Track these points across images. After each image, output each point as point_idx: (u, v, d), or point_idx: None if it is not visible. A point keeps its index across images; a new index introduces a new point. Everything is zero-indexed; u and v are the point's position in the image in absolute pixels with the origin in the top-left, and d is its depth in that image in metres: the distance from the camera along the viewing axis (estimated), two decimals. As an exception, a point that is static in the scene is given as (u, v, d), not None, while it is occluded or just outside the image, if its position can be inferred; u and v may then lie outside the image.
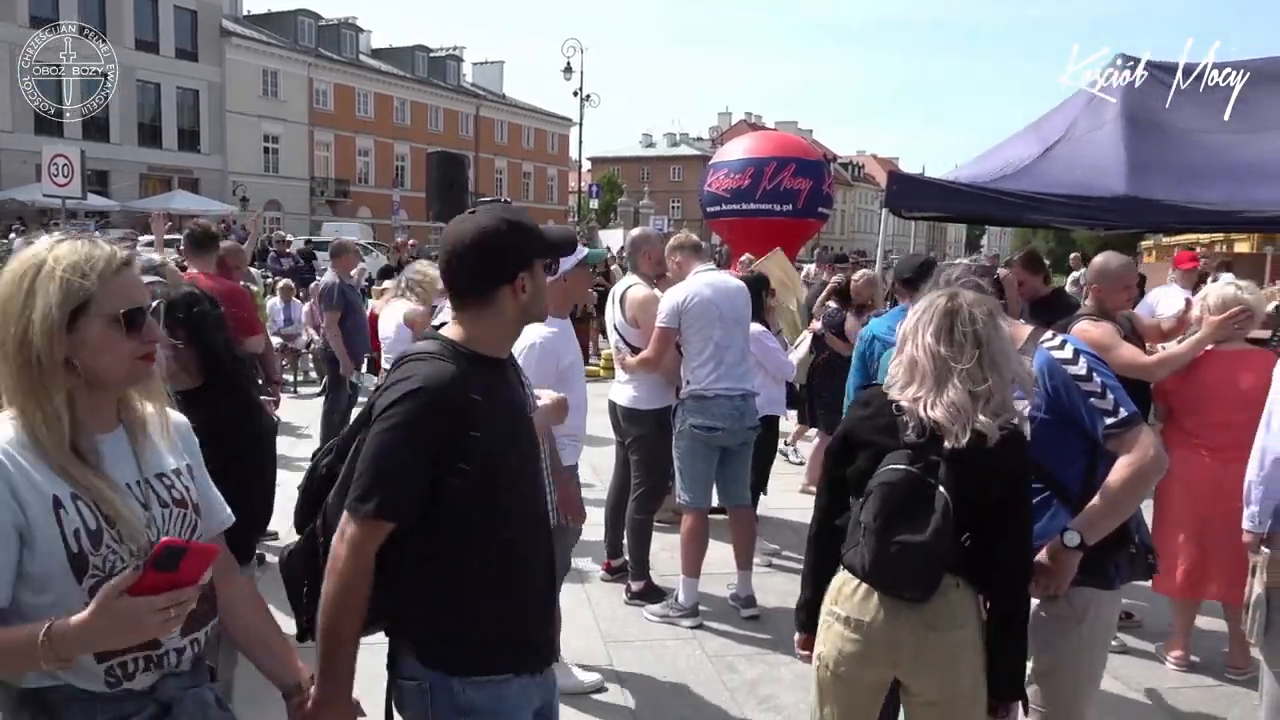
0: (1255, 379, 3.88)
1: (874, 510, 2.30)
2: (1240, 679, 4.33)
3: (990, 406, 2.33)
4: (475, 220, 2.07)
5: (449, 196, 12.35)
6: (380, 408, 1.94)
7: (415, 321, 5.98)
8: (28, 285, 1.58)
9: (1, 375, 1.59)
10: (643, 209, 38.25)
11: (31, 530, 1.53)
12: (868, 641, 2.40)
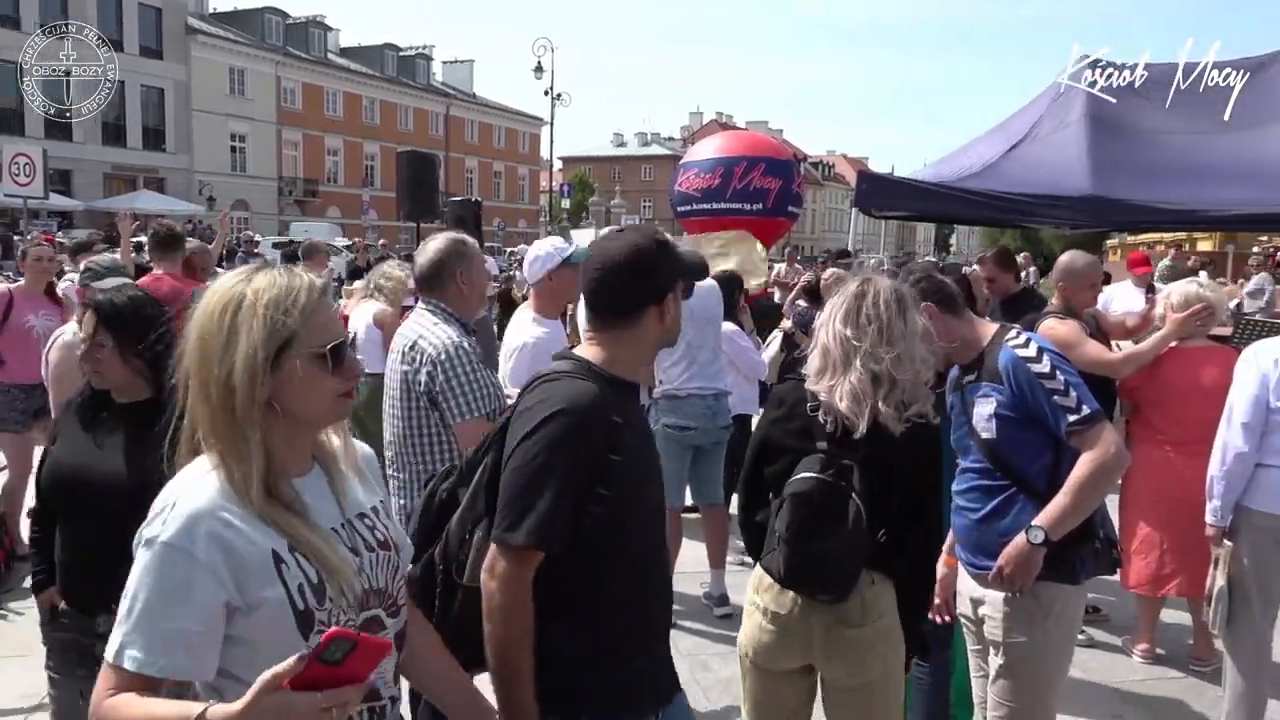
0: (1217, 375, 3.94)
1: (786, 520, 2.36)
2: (1204, 670, 4.40)
3: (893, 395, 2.37)
4: (628, 239, 2.02)
5: (419, 196, 12.30)
6: (520, 433, 1.85)
7: (384, 323, 5.95)
8: (229, 323, 1.46)
9: (202, 419, 1.47)
10: (614, 208, 38.29)
11: (254, 594, 1.41)
12: (783, 633, 2.49)
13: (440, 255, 3.17)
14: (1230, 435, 3.60)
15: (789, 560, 2.38)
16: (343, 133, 50.55)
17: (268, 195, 45.90)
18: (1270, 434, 3.54)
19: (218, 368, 1.45)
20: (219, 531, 1.41)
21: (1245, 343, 4.41)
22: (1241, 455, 3.56)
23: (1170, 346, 4.36)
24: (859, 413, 2.36)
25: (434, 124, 56.39)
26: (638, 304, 1.98)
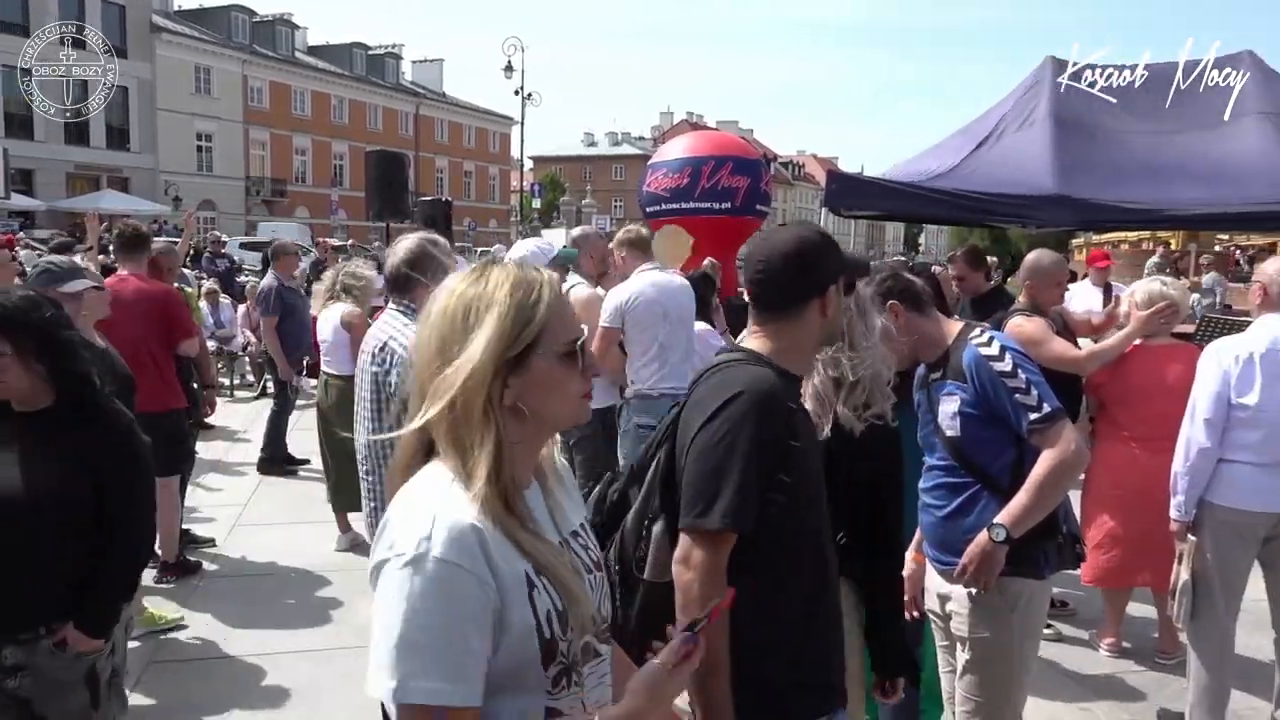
0: (1181, 372, 4.00)
1: None
2: (1169, 663, 4.46)
3: (853, 396, 2.39)
4: (792, 232, 2.03)
5: (389, 196, 12.22)
6: (699, 420, 1.84)
7: (353, 324, 5.90)
8: (471, 324, 1.35)
9: (442, 427, 1.35)
10: (585, 208, 38.21)
11: (508, 617, 1.29)
12: None
13: (410, 256, 3.15)
14: (1193, 431, 3.66)
15: None
16: (311, 132, 50.11)
17: (235, 195, 45.40)
18: (1232, 430, 3.60)
19: (461, 372, 1.34)
20: (486, 545, 1.28)
21: (1208, 340, 4.48)
22: (1204, 451, 3.61)
23: (1135, 344, 4.42)
24: (822, 414, 2.39)
25: (403, 123, 56.04)
26: (802, 297, 2.00)
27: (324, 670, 4.35)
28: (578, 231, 5.91)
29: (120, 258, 5.68)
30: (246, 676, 4.28)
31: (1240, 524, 3.63)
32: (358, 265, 6.53)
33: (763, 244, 2.06)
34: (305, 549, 5.89)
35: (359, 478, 3.20)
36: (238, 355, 12.08)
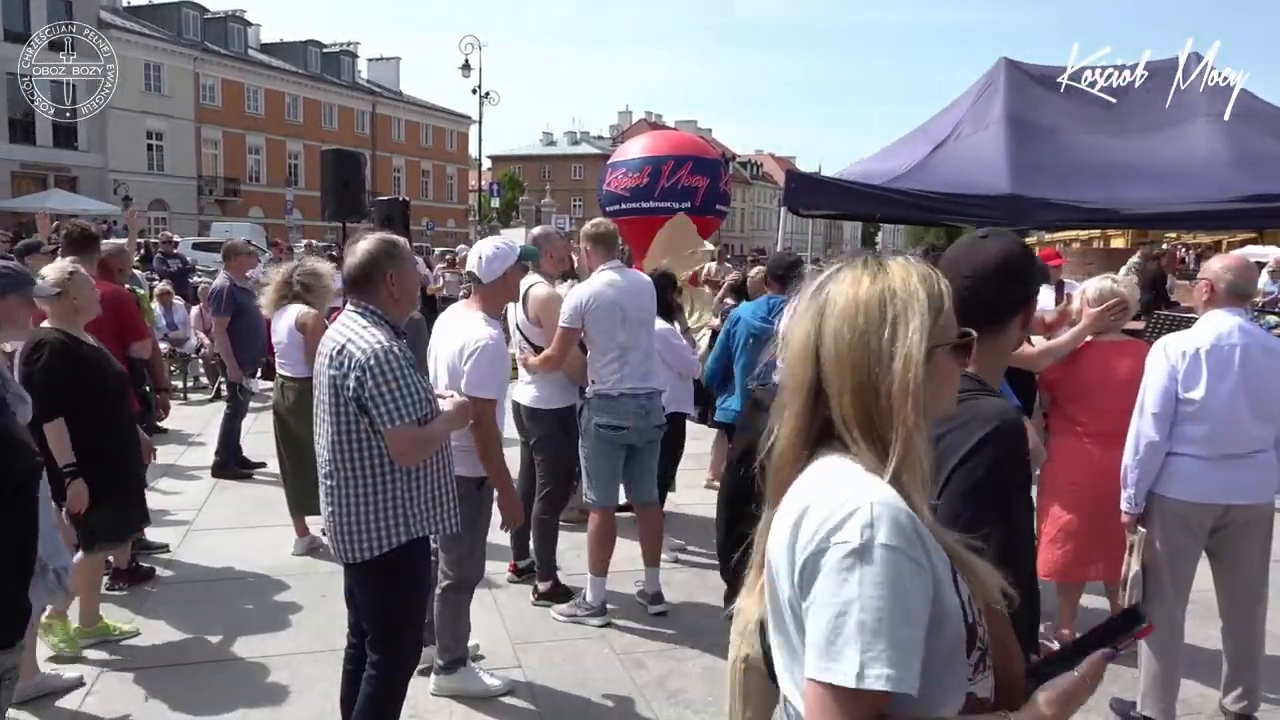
0: (1131, 368, 4.08)
1: None
2: (1121, 653, 4.53)
3: None
4: (997, 245, 1.99)
5: (345, 196, 12.06)
6: (953, 459, 1.76)
7: (308, 325, 5.82)
8: (892, 316, 1.35)
9: (862, 420, 1.34)
10: (544, 208, 38.08)
11: (943, 602, 1.30)
12: None
13: (369, 256, 3.11)
14: (1143, 425, 3.74)
15: None
16: (265, 131, 49.44)
17: (187, 195, 44.66)
18: (1180, 424, 3.68)
19: (883, 366, 1.33)
20: (921, 532, 1.29)
21: (1156, 336, 4.57)
22: (1153, 444, 3.69)
23: (1086, 341, 4.50)
24: None
25: (359, 122, 55.49)
26: (1009, 311, 1.97)
27: (283, 676, 4.30)
28: (538, 231, 5.90)
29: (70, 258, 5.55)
30: (203, 684, 4.22)
31: (1188, 515, 3.72)
32: (315, 262, 6.44)
33: (966, 259, 1.99)
34: (262, 554, 5.81)
35: (318, 481, 3.15)
36: (190, 357, 11.89)
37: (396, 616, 3.19)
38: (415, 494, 3.11)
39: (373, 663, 3.21)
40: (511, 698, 4.14)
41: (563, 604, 5.04)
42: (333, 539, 3.16)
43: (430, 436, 3.08)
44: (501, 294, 4.05)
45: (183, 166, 44.77)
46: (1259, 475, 3.71)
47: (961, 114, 8.51)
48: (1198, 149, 7.50)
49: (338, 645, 4.59)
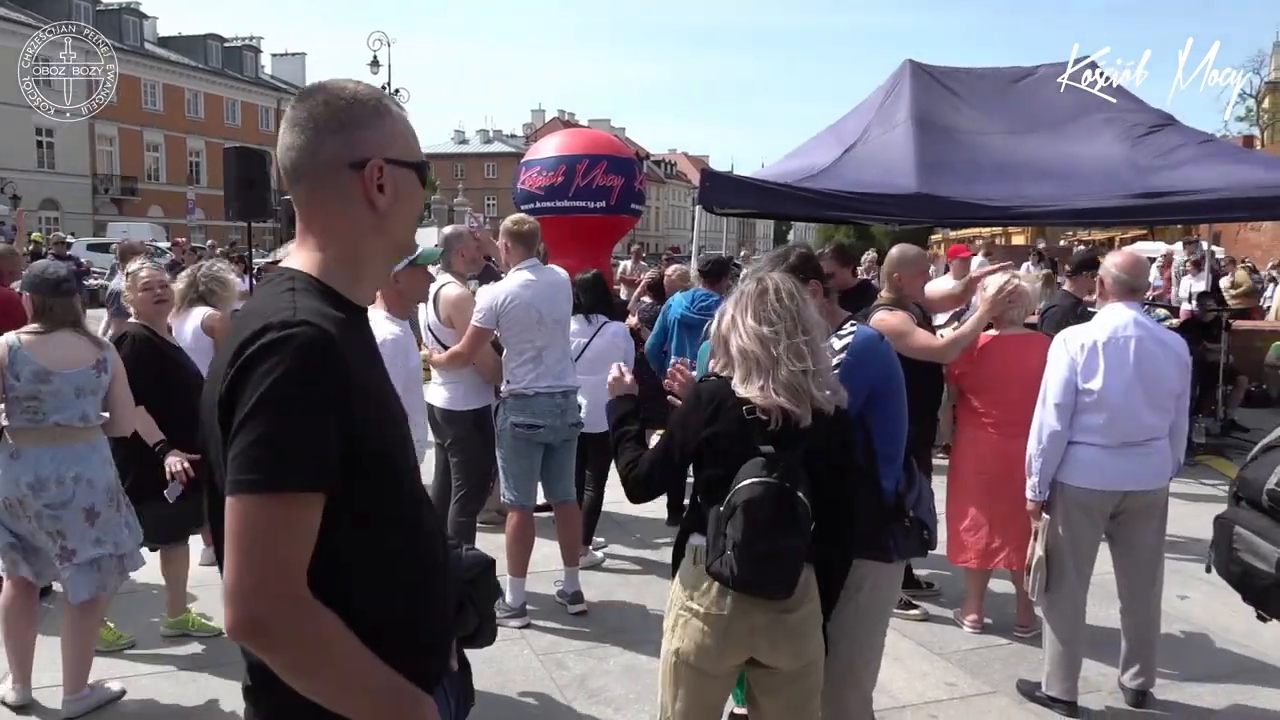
0: (1035, 360, 4.21)
1: (741, 528, 2.34)
2: (1026, 636, 4.70)
3: (820, 380, 2.46)
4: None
5: (249, 195, 11.70)
6: None
7: (215, 328, 5.64)
8: None
9: None
10: (457, 207, 37.62)
11: None
12: (727, 634, 2.49)
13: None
14: (1045, 415, 3.87)
15: (745, 566, 2.35)
16: (164, 127, 47.73)
17: (81, 194, 42.85)
18: (1080, 414, 3.83)
19: None
20: None
21: (1056, 329, 4.73)
22: (1055, 434, 3.83)
23: (991, 335, 4.64)
24: (802, 403, 2.41)
25: (264, 119, 53.99)
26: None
27: (188, 691, 4.16)
28: (449, 230, 5.80)
29: (-48, 261, 5.29)
30: (111, 704, 4.04)
31: (1089, 502, 3.86)
32: (219, 268, 6.23)
33: None
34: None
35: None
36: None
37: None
38: None
39: None
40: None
41: (482, 606, 4.97)
42: None
43: None
44: (393, 296, 4.03)
45: (76, 164, 42.93)
46: (1154, 462, 3.87)
47: (870, 115, 8.69)
48: (1093, 148, 7.81)
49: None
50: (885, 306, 4.68)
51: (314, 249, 1.50)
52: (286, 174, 1.52)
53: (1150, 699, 4.03)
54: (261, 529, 1.28)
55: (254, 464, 1.28)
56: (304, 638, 1.31)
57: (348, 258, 1.51)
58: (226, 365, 1.33)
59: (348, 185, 1.48)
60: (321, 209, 1.50)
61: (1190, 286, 14.06)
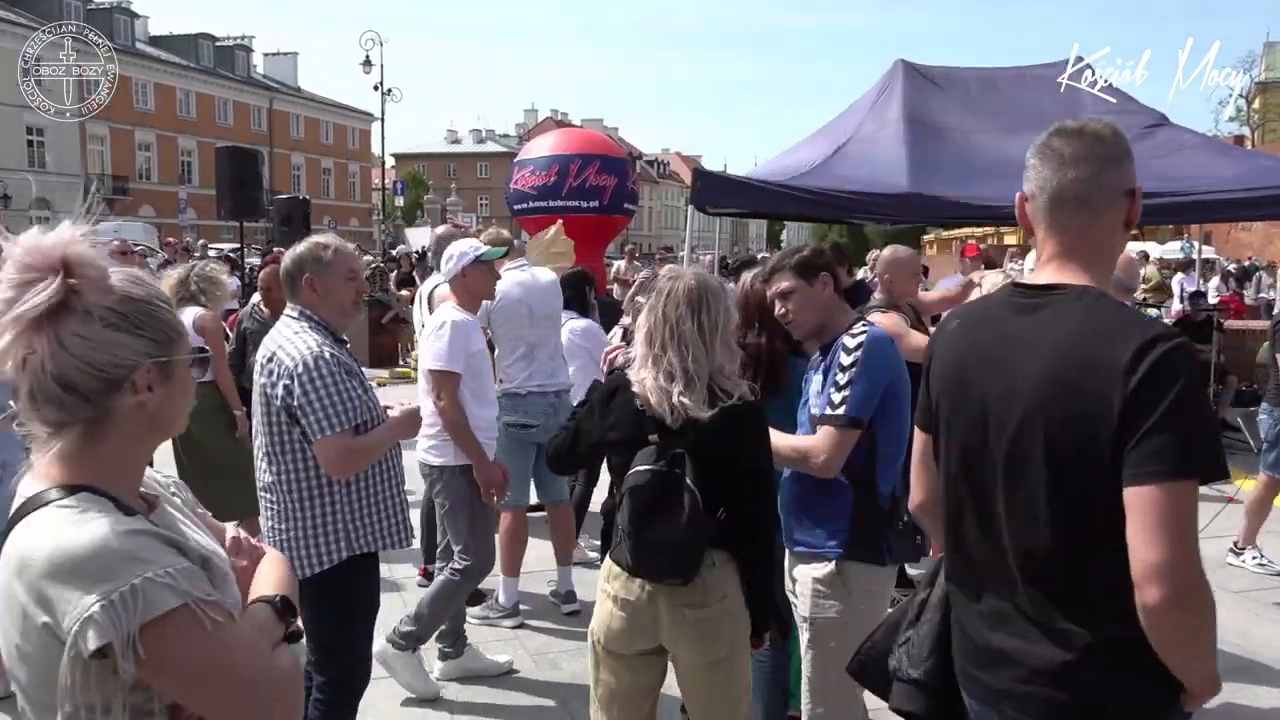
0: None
1: (628, 514, 2.46)
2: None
3: (692, 387, 2.48)
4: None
5: (241, 194, 11.70)
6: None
7: (207, 328, 5.63)
8: None
9: None
10: (450, 206, 37.59)
11: None
12: (632, 618, 2.56)
13: (295, 258, 3.02)
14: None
15: (634, 551, 2.46)
16: (155, 127, 47.60)
17: (72, 193, 42.61)
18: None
19: None
20: None
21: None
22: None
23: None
24: (664, 407, 2.48)
25: (256, 118, 53.89)
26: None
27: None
28: (441, 230, 5.82)
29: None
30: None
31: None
32: (210, 266, 6.22)
33: None
34: (159, 565, 5.59)
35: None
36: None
37: (339, 637, 3.01)
38: (357, 507, 2.95)
39: (318, 685, 3.03)
40: (425, 704, 4.07)
41: (475, 606, 4.98)
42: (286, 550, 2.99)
43: (366, 447, 2.91)
44: (462, 290, 4.20)
45: (67, 163, 42.74)
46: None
47: (862, 115, 8.69)
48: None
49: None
50: (878, 308, 4.68)
51: (1086, 266, 1.74)
52: (1069, 203, 1.75)
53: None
54: (1183, 511, 1.51)
55: (1177, 455, 1.51)
56: (1207, 607, 1.55)
57: (1108, 272, 1.78)
58: (1125, 369, 1.54)
59: (1120, 210, 1.76)
60: (1096, 231, 1.76)
61: (1183, 285, 14.11)
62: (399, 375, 12.48)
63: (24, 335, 1.26)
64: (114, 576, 1.17)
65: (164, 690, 1.25)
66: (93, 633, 1.15)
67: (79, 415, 1.30)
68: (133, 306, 1.33)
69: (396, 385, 11.40)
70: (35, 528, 1.24)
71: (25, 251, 1.27)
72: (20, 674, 1.26)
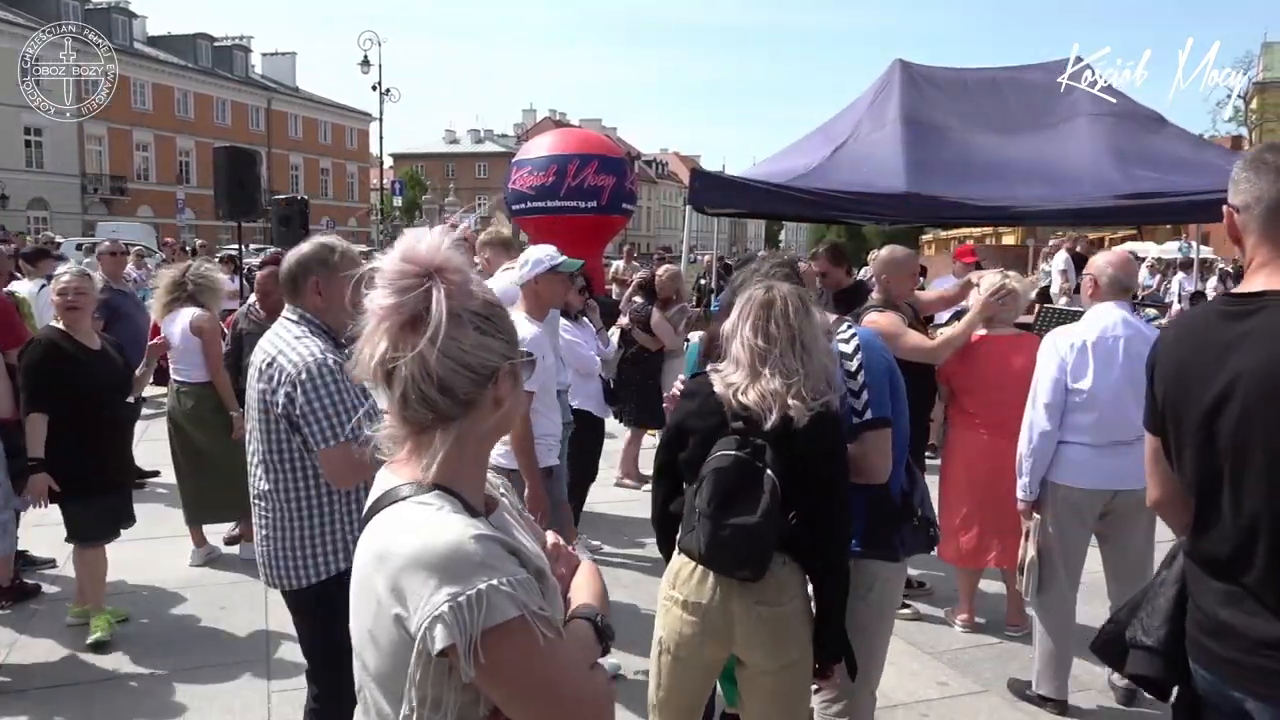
0: (1025, 361, 4.23)
1: (707, 496, 2.40)
2: (1017, 635, 4.71)
3: (803, 391, 2.46)
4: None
5: (239, 194, 11.65)
6: None
7: (203, 328, 5.62)
8: None
9: None
10: (449, 206, 37.58)
11: None
12: (705, 622, 2.52)
13: (299, 259, 2.91)
14: (1034, 416, 3.88)
15: (710, 536, 2.40)
16: (153, 127, 47.52)
17: (70, 194, 42.62)
18: (1070, 413, 3.83)
19: None
20: None
21: (1046, 330, 4.74)
22: (1045, 434, 3.84)
23: (981, 336, 4.64)
24: (768, 407, 2.44)
25: (254, 118, 53.82)
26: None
27: (183, 691, 4.14)
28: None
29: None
30: (98, 703, 4.03)
31: (1079, 501, 3.87)
32: (206, 266, 6.20)
33: None
34: (156, 565, 5.58)
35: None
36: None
37: (337, 649, 2.95)
38: (355, 518, 2.85)
39: (313, 696, 2.98)
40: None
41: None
42: (263, 565, 2.93)
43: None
44: (533, 297, 4.18)
45: (65, 163, 42.72)
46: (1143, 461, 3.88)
47: (860, 115, 8.69)
48: (1082, 149, 7.82)
49: (238, 659, 4.47)
50: (876, 308, 4.68)
51: None
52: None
53: (1140, 697, 4.05)
54: None
55: None
56: None
57: None
58: None
59: None
60: None
61: (1182, 285, 14.13)
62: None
63: (401, 339, 1.31)
64: (464, 579, 1.21)
65: (490, 696, 1.29)
66: (440, 631, 1.20)
67: (447, 416, 1.35)
68: (492, 310, 1.38)
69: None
70: (397, 522, 1.30)
71: (402, 258, 1.32)
72: (368, 657, 1.33)
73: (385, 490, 1.37)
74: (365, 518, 1.38)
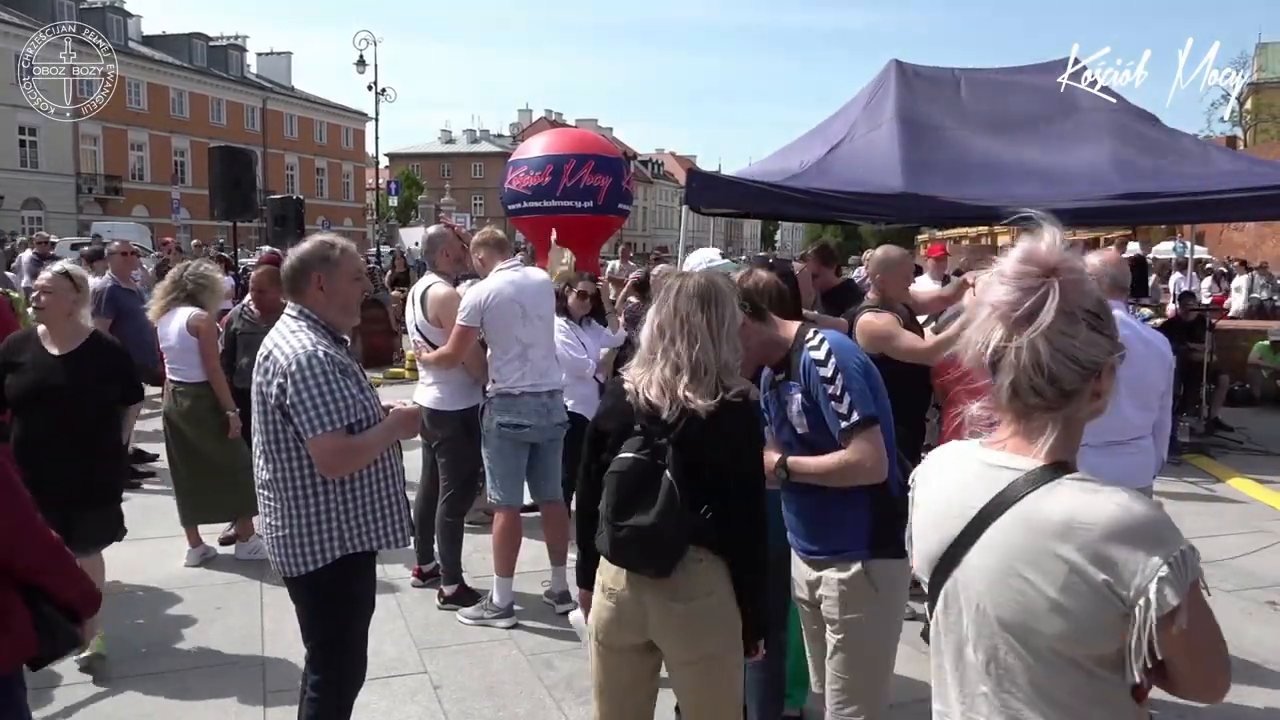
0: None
1: (606, 500, 2.47)
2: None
3: (698, 381, 2.48)
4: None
5: (235, 194, 11.66)
6: None
7: (201, 328, 5.62)
8: None
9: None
10: (444, 206, 37.58)
11: None
12: (619, 609, 2.57)
13: (302, 256, 2.99)
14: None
15: (610, 537, 2.46)
16: (148, 126, 47.47)
17: (64, 193, 42.56)
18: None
19: None
20: None
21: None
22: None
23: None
24: (664, 399, 2.48)
25: (249, 118, 53.76)
26: None
27: (177, 693, 4.13)
28: (433, 230, 5.78)
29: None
30: (92, 706, 4.02)
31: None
32: (204, 266, 6.20)
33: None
34: (150, 565, 5.57)
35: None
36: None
37: (333, 635, 3.03)
38: (353, 506, 2.95)
39: (312, 683, 3.04)
40: (420, 703, 4.07)
41: (469, 607, 4.97)
42: (270, 552, 3.04)
43: (360, 446, 2.91)
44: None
45: (59, 163, 42.65)
46: (1139, 460, 3.89)
47: (856, 114, 8.71)
48: (1078, 150, 7.85)
49: (234, 658, 4.46)
50: (871, 309, 4.68)
51: None
52: None
53: (1136, 697, 4.05)
54: None
55: None
56: None
57: None
58: None
59: None
60: None
61: (1176, 285, 14.16)
62: (393, 376, 12.44)
63: (1017, 331, 1.46)
64: (1170, 544, 1.34)
65: (1171, 651, 1.37)
66: (1170, 591, 1.31)
67: (1052, 405, 1.48)
68: (1102, 309, 1.49)
69: (391, 385, 11.36)
70: (1073, 499, 1.40)
71: (1023, 259, 1.49)
72: (1044, 625, 1.41)
73: (1015, 468, 1.50)
74: (982, 491, 1.53)
